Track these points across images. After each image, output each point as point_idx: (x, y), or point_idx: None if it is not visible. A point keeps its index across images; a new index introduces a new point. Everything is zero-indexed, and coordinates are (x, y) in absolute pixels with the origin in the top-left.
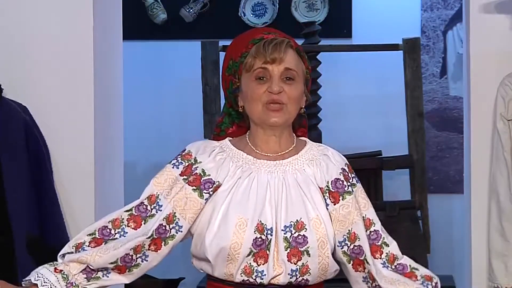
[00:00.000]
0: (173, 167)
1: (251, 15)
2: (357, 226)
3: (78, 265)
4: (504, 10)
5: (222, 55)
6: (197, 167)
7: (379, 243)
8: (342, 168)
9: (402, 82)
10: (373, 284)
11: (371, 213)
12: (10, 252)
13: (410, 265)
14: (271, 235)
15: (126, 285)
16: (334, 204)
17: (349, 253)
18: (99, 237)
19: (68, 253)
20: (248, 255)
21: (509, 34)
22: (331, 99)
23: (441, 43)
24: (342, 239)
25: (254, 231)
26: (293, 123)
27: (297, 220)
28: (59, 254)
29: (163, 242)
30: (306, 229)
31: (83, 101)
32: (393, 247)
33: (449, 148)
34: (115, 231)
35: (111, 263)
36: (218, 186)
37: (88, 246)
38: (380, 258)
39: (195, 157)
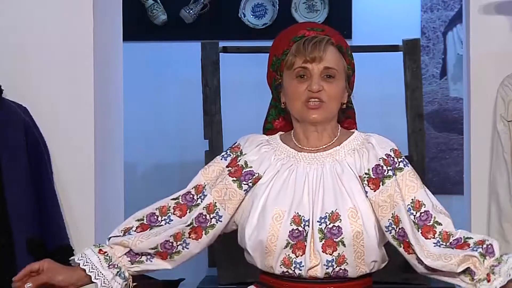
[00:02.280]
0: (221, 159)
1: (251, 16)
2: (398, 209)
3: (122, 248)
4: (504, 11)
5: (222, 56)
6: (241, 159)
7: (430, 223)
8: (386, 154)
9: (402, 83)
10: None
11: (420, 195)
12: (10, 252)
13: (464, 236)
14: (308, 227)
15: None
16: (374, 191)
17: (397, 236)
18: (146, 223)
19: (115, 236)
20: (286, 246)
21: (509, 35)
22: None
23: (441, 44)
24: (388, 223)
25: (291, 223)
26: (340, 115)
27: (332, 211)
28: (108, 236)
29: (203, 231)
30: (340, 219)
31: (83, 102)
32: (446, 225)
33: (449, 149)
34: (161, 218)
35: (152, 248)
36: (259, 178)
37: (135, 231)
38: (434, 238)
39: (242, 149)
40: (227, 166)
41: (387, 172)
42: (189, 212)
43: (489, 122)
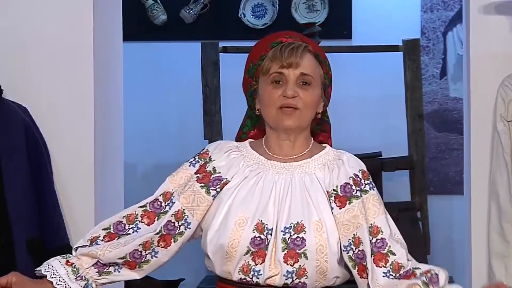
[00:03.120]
0: (189, 165)
1: (251, 16)
2: (361, 231)
3: (90, 259)
4: (504, 11)
5: (222, 56)
6: (209, 165)
7: (384, 251)
8: (354, 174)
9: (402, 83)
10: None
11: (380, 221)
12: (10, 252)
13: (413, 268)
14: (271, 235)
15: (125, 285)
16: (340, 208)
17: (354, 258)
18: (113, 232)
19: (82, 246)
20: (246, 253)
21: (509, 35)
22: (331, 100)
23: (441, 44)
24: (347, 243)
25: (253, 230)
26: (314, 128)
27: (297, 222)
28: (74, 246)
29: (172, 238)
30: (305, 231)
31: (83, 102)
32: (399, 256)
33: (449, 149)
34: (129, 226)
35: (120, 258)
36: (226, 183)
37: (102, 240)
38: (384, 267)
39: (210, 156)
40: (195, 173)
41: (355, 192)
42: (157, 220)
43: (489, 122)
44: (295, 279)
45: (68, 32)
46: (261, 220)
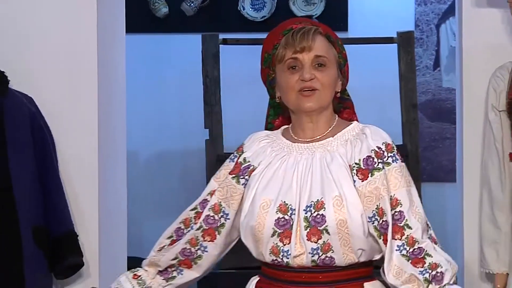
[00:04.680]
0: (229, 161)
1: (250, 9)
2: (384, 202)
3: (154, 268)
4: (496, 4)
5: (222, 48)
6: (241, 156)
7: (401, 224)
8: (377, 146)
9: (396, 74)
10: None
11: (400, 194)
12: (17, 241)
13: (426, 251)
14: (294, 215)
15: None
16: (362, 181)
17: (378, 228)
18: (175, 238)
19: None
20: (273, 235)
21: (500, 27)
22: None
23: (435, 36)
24: (371, 214)
25: (276, 212)
26: (336, 107)
27: (317, 199)
28: (145, 259)
29: (216, 231)
30: (325, 208)
31: (87, 92)
32: (415, 231)
33: (442, 138)
34: (186, 230)
35: (173, 259)
36: (253, 170)
37: (168, 247)
38: (400, 239)
39: (243, 148)
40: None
41: (377, 165)
42: None
43: (481, 112)
44: (322, 255)
45: (72, 24)
46: (284, 201)
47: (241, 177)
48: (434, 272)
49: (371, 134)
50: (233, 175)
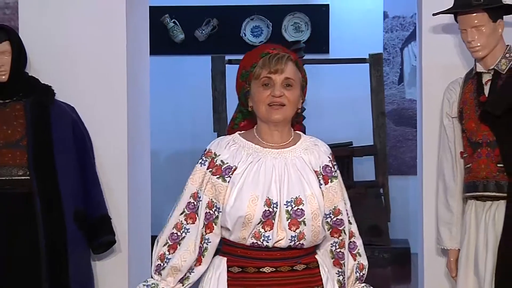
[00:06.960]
0: (200, 166)
1: (250, 35)
2: (341, 204)
3: (172, 277)
4: (450, 31)
5: (228, 67)
6: (217, 159)
7: (341, 228)
8: (328, 157)
9: (368, 88)
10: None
11: (340, 205)
12: (62, 222)
13: (358, 248)
14: (276, 208)
15: None
16: (325, 184)
17: (331, 223)
18: (172, 243)
19: (160, 266)
20: (259, 223)
21: (453, 50)
22: (313, 102)
23: (399, 57)
24: (328, 212)
25: (264, 205)
26: (292, 120)
27: (296, 196)
28: (154, 271)
29: (213, 223)
30: (303, 203)
31: (119, 103)
32: (355, 229)
33: (405, 139)
34: (180, 232)
35: (194, 261)
36: (235, 169)
37: (169, 253)
38: (337, 238)
39: (215, 152)
40: (207, 169)
41: (334, 174)
42: (198, 217)
43: (437, 118)
44: (296, 242)
45: (106, 48)
46: (268, 197)
47: (226, 176)
48: (361, 273)
49: (321, 146)
50: (218, 175)
